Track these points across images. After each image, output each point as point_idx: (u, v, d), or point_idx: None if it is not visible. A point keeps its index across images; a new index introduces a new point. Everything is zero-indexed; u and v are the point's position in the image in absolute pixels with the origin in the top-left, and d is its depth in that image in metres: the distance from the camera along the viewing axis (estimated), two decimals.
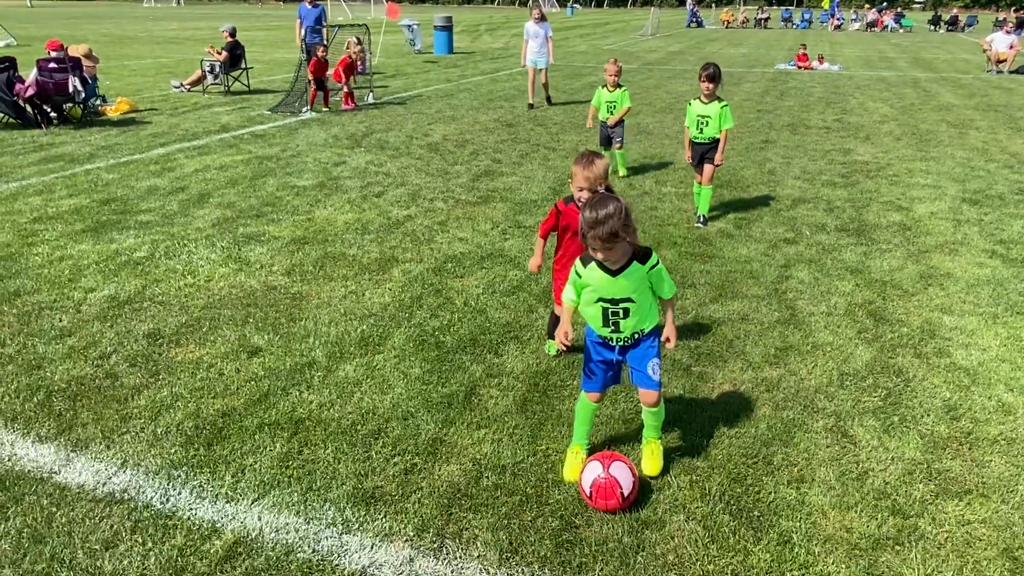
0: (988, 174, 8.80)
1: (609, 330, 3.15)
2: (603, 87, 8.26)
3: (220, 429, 3.69)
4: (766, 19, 47.49)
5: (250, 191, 7.78)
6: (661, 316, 3.28)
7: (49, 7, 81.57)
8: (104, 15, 59.14)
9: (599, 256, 2.96)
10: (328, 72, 13.10)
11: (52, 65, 11.17)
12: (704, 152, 6.56)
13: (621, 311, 3.09)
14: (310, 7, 14.47)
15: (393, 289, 5.36)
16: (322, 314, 4.95)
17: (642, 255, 3.05)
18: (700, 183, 6.71)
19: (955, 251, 6.22)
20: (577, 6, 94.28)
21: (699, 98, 6.48)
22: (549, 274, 5.62)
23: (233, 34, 15.30)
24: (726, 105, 6.39)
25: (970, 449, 3.64)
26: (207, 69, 15.03)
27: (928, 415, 3.91)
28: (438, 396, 4.01)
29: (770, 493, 3.31)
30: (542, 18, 13.45)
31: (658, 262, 3.10)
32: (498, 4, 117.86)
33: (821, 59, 21.55)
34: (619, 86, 8.21)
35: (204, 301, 5.12)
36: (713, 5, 79.60)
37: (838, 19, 46.48)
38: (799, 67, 21.13)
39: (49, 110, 11.15)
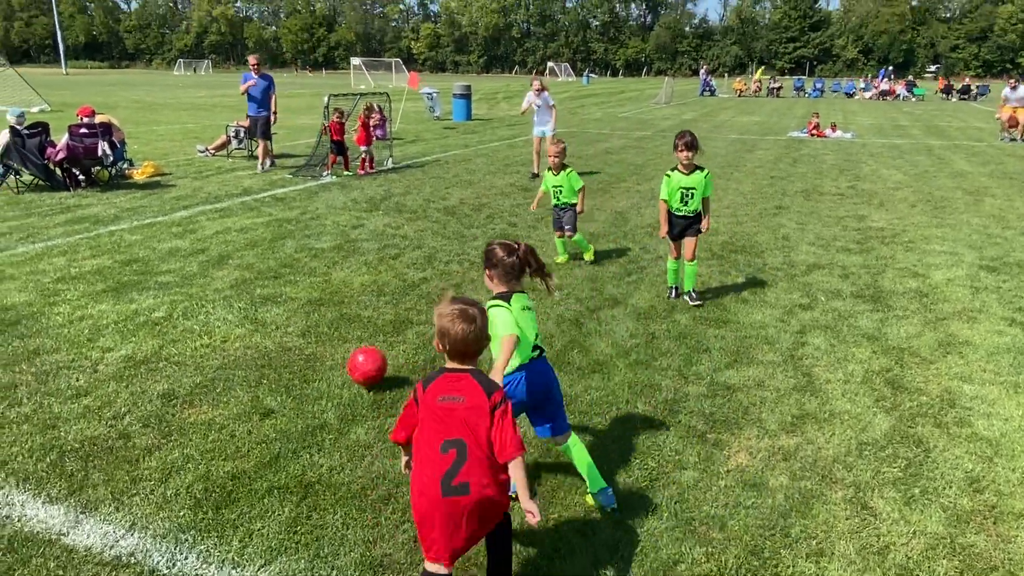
0: (1005, 241, 8.77)
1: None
2: (549, 170, 7.50)
3: (229, 492, 3.67)
4: (778, 88, 48.38)
5: (269, 253, 7.91)
6: None
7: (83, 74, 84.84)
8: (136, 82, 61.35)
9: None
10: (351, 136, 13.45)
11: (83, 130, 11.56)
12: (687, 225, 6.13)
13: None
14: (257, 77, 13.06)
15: (407, 351, 5.37)
16: (335, 376, 4.95)
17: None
18: (677, 258, 6.29)
19: (974, 319, 6.16)
20: (592, 75, 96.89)
21: (678, 168, 5.99)
22: (552, 338, 5.62)
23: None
24: (708, 173, 6.06)
25: (995, 523, 3.53)
26: (232, 134, 15.48)
27: (950, 487, 3.82)
28: None
29: (788, 567, 3.22)
30: (542, 89, 13.74)
31: None
32: (515, 73, 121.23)
33: (834, 127, 21.83)
34: (564, 167, 7.44)
35: (219, 361, 5.15)
36: (726, 75, 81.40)
37: (879, 83, 46.19)
38: (812, 135, 21.41)
39: (78, 173, 11.48)
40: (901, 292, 6.83)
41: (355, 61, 67.50)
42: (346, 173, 13.25)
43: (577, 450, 3.56)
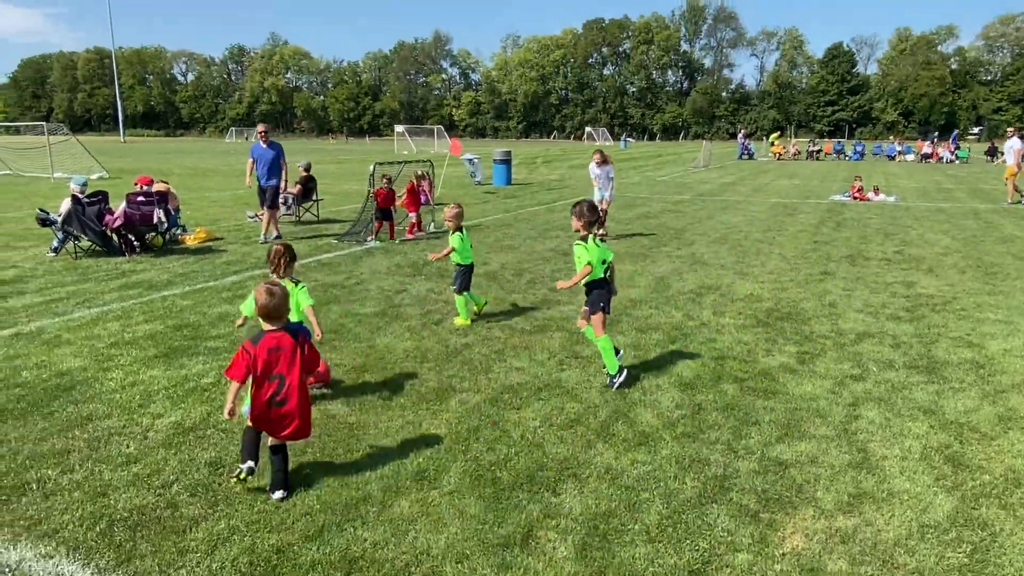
0: None
1: None
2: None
3: (274, 566, 3.64)
4: (818, 151, 48.32)
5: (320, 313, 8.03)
6: None
7: (141, 142, 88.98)
8: (190, 150, 64.10)
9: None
10: (397, 203, 13.75)
11: (140, 198, 12.04)
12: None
13: None
14: (265, 147, 13.08)
15: (450, 420, 5.34)
16: (379, 445, 4.94)
17: None
18: (586, 325, 6.11)
19: None
20: (630, 139, 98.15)
21: (595, 238, 6.04)
22: (596, 408, 5.55)
23: (308, 169, 16.34)
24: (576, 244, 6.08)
25: None
26: (281, 200, 15.95)
27: (1020, 575, 3.61)
28: (494, 537, 3.89)
29: None
30: (604, 161, 13.95)
31: None
32: (554, 138, 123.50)
33: (877, 190, 21.63)
34: (460, 230, 7.75)
35: None
36: (764, 137, 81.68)
37: (951, 146, 45.44)
38: (854, 198, 21.24)
39: (133, 239, 11.90)
40: (956, 363, 6.61)
41: (399, 128, 69.58)
42: (391, 241, 13.47)
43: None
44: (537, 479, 4.52)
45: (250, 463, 4.42)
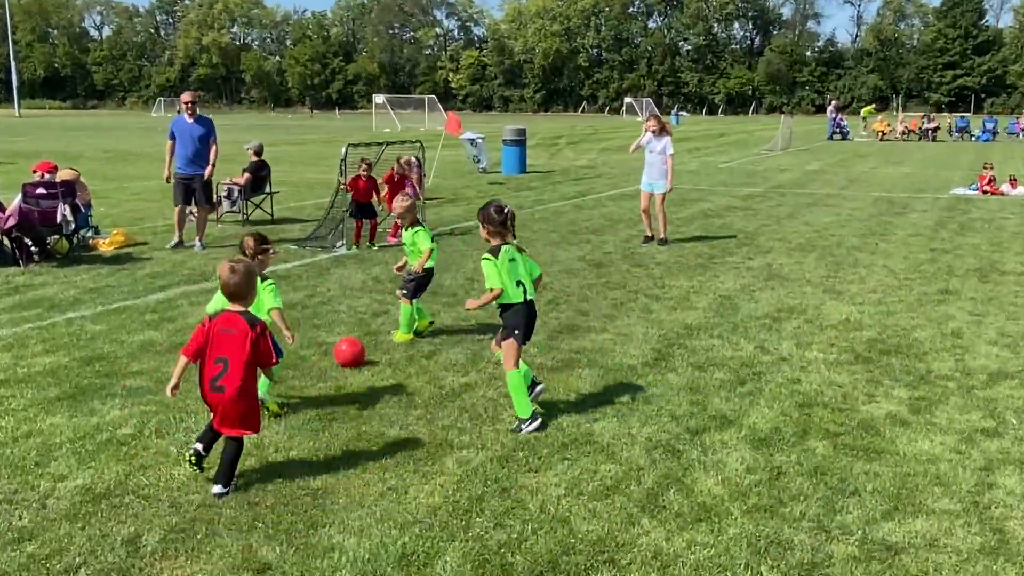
0: None
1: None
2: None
3: None
4: (934, 129, 48.30)
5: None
6: None
7: (41, 116, 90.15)
8: (106, 126, 64.84)
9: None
10: (378, 197, 13.83)
11: (40, 190, 12.16)
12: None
13: None
14: (190, 122, 13.06)
15: (446, 486, 5.34)
16: (352, 519, 4.94)
17: None
18: (517, 365, 6.35)
19: None
20: (684, 114, 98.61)
21: (511, 250, 6.38)
22: (640, 471, 5.53)
23: (259, 152, 16.49)
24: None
25: None
26: (224, 194, 16.10)
27: None
28: None
29: None
30: (662, 129, 13.88)
31: None
32: (583, 111, 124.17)
33: (1014, 181, 21.54)
34: (416, 224, 8.43)
35: (201, 497, 5.19)
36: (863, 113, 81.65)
37: None
38: (984, 192, 21.16)
39: (30, 243, 11.99)
40: None
41: (378, 99, 70.30)
42: (370, 246, 13.53)
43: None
44: (562, 567, 4.49)
45: (198, 446, 5.36)
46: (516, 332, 6.32)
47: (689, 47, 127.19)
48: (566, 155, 35.66)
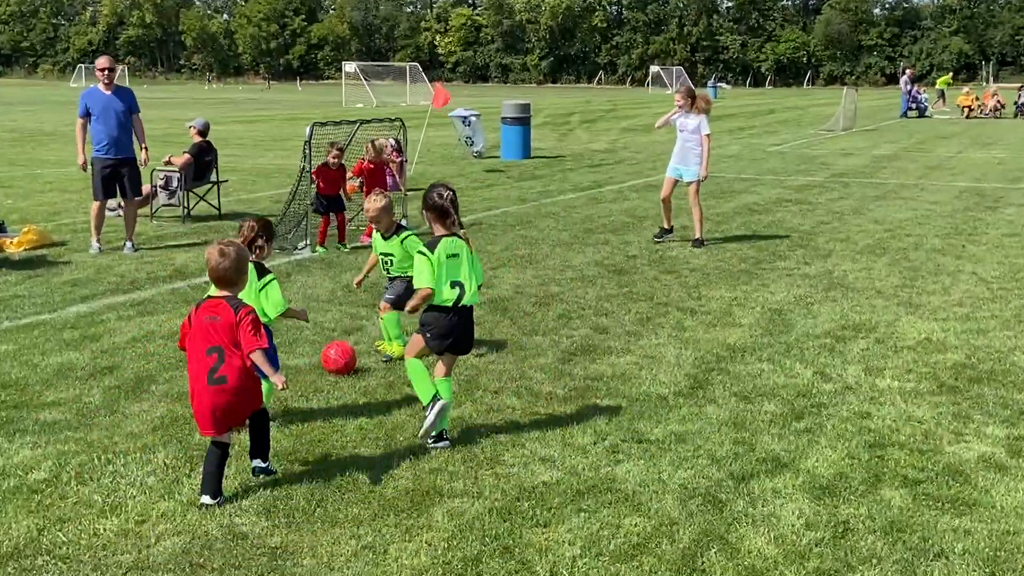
0: None
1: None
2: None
3: None
4: None
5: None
6: None
7: None
8: (12, 99, 64.95)
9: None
10: (349, 188, 13.84)
11: None
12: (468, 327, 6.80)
13: None
14: (108, 94, 13.10)
15: (434, 543, 5.32)
16: None
17: None
18: (447, 375, 6.79)
19: None
20: (724, 85, 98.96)
21: (454, 242, 6.69)
22: (674, 526, 5.51)
23: (204, 132, 16.49)
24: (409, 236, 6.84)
25: None
26: (159, 183, 16.10)
27: None
28: None
29: None
30: (693, 104, 13.75)
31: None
32: (599, 82, 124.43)
33: None
34: (401, 230, 8.46)
35: (133, 557, 5.16)
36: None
37: None
38: None
39: None
40: None
41: (349, 67, 70.44)
42: (339, 246, 13.53)
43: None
44: None
45: (207, 498, 5.73)
46: (428, 335, 6.64)
47: (730, 4, 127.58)
48: (579, 136, 35.72)
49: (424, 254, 6.52)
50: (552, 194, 19.40)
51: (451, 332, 6.59)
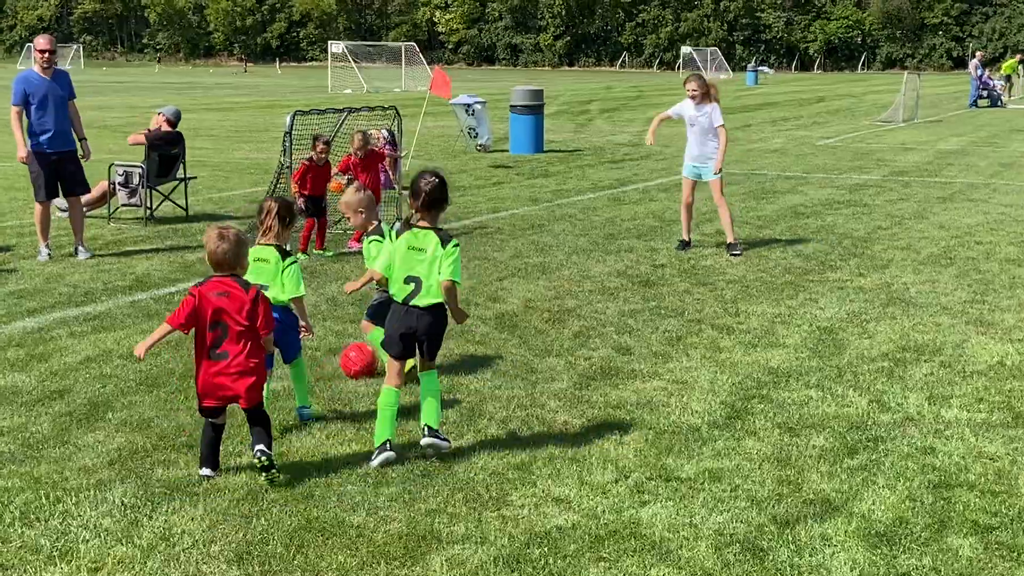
0: None
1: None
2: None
3: None
4: None
5: (179, 399, 8.02)
6: None
7: None
8: None
9: None
10: (332, 187, 13.82)
11: None
12: (422, 331, 7.02)
13: None
14: (47, 79, 13.09)
15: None
16: None
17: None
18: (399, 386, 7.11)
19: None
20: (765, 68, 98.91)
21: (426, 234, 6.89)
22: (739, 559, 5.48)
23: (175, 121, 16.49)
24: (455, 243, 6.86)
25: None
26: (118, 180, 16.10)
27: None
28: None
29: None
30: (706, 95, 13.88)
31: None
32: (621, 65, 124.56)
33: None
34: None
35: None
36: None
37: None
38: None
39: None
40: None
41: (336, 47, 70.62)
42: (318, 253, 13.54)
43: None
44: None
45: (206, 471, 6.65)
46: (387, 338, 7.11)
47: None
48: (599, 127, 35.74)
49: (379, 242, 7.19)
50: (568, 194, 19.39)
51: (403, 333, 6.93)
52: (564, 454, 7.09)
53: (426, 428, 6.98)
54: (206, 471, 6.62)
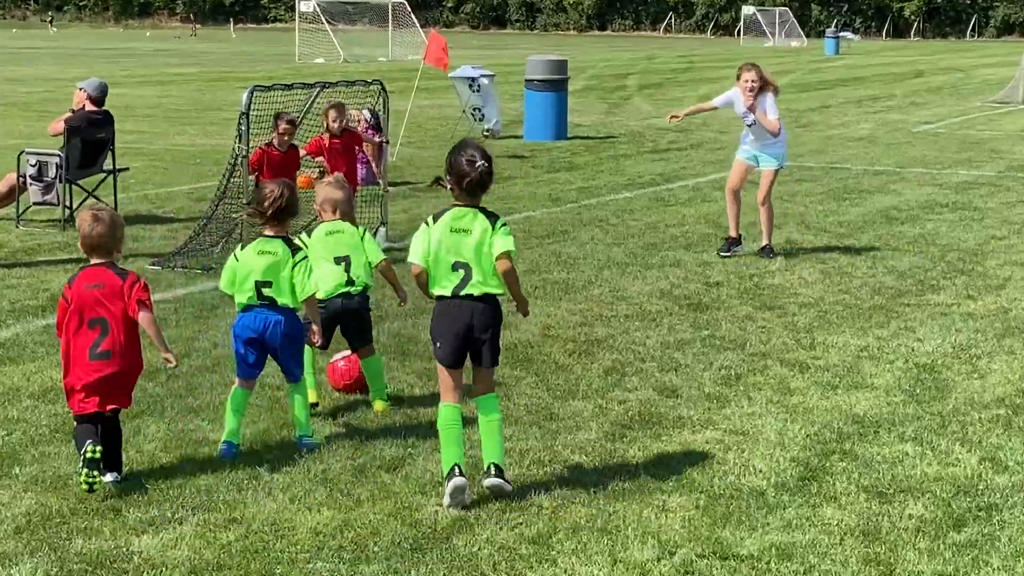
0: None
1: None
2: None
3: None
4: None
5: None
6: None
7: None
8: None
9: None
10: (300, 180, 13.84)
11: None
12: (480, 327, 7.21)
13: None
14: None
15: None
16: None
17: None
18: (458, 402, 7.40)
19: None
20: (849, 35, 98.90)
21: (472, 216, 7.16)
22: None
23: (101, 99, 16.46)
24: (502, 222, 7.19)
25: None
26: (29, 172, 16.09)
27: None
28: None
29: None
30: (763, 84, 14.01)
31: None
32: (666, 31, 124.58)
33: None
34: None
35: None
36: None
37: None
38: None
39: None
40: None
41: (305, 5, 70.78)
42: None
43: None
44: None
45: (110, 476, 7.28)
46: (437, 345, 7.31)
47: None
48: (638, 108, 35.78)
49: (426, 223, 7.25)
50: (598, 192, 19.40)
51: (460, 330, 7.03)
52: (592, 524, 7.05)
53: (492, 467, 7.26)
54: (109, 477, 7.24)
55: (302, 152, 14.12)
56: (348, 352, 9.27)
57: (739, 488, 7.62)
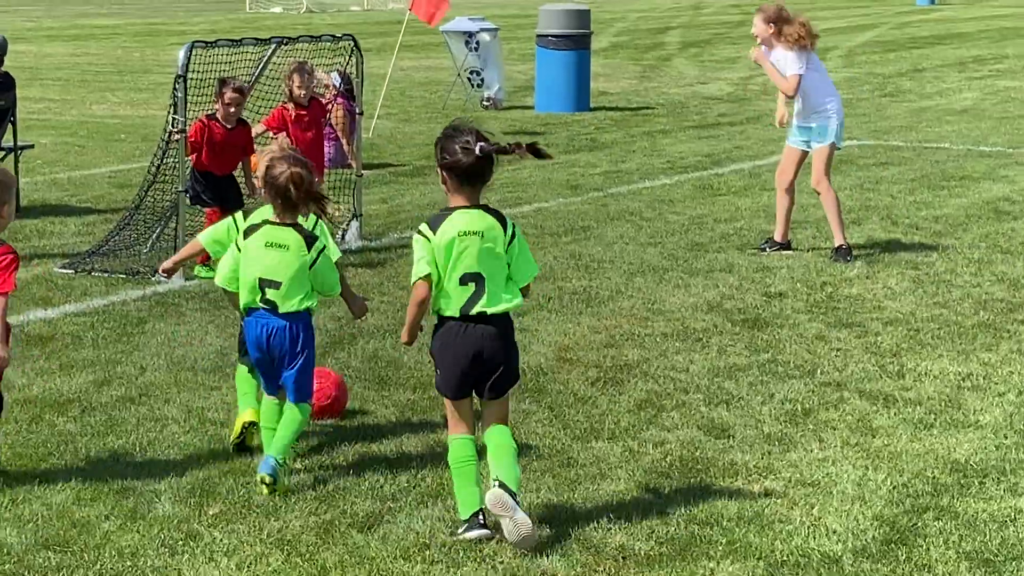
0: None
1: None
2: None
3: None
4: None
5: (10, 508, 8.04)
6: None
7: None
8: None
9: None
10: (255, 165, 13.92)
11: None
12: (489, 351, 7.33)
13: None
14: None
15: None
16: None
17: None
18: (470, 432, 7.62)
19: None
20: None
21: (481, 214, 7.23)
22: None
23: None
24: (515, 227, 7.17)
25: None
26: None
27: None
28: None
29: None
30: (777, 32, 14.15)
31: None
32: None
33: None
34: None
35: None
36: None
37: None
38: None
39: None
40: None
41: None
42: (205, 269, 13.53)
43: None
44: None
45: None
46: (438, 372, 7.46)
47: None
48: (679, 71, 35.87)
49: (420, 235, 7.06)
50: (629, 177, 19.48)
51: (463, 357, 7.06)
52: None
53: (497, 483, 7.31)
54: None
55: (259, 128, 14.12)
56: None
57: (807, 554, 7.62)
